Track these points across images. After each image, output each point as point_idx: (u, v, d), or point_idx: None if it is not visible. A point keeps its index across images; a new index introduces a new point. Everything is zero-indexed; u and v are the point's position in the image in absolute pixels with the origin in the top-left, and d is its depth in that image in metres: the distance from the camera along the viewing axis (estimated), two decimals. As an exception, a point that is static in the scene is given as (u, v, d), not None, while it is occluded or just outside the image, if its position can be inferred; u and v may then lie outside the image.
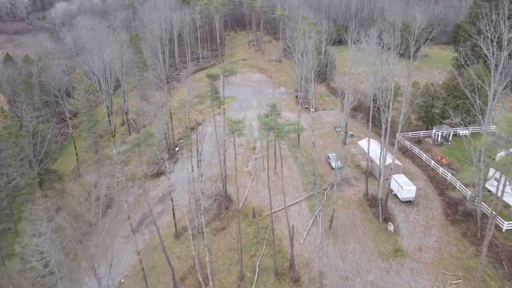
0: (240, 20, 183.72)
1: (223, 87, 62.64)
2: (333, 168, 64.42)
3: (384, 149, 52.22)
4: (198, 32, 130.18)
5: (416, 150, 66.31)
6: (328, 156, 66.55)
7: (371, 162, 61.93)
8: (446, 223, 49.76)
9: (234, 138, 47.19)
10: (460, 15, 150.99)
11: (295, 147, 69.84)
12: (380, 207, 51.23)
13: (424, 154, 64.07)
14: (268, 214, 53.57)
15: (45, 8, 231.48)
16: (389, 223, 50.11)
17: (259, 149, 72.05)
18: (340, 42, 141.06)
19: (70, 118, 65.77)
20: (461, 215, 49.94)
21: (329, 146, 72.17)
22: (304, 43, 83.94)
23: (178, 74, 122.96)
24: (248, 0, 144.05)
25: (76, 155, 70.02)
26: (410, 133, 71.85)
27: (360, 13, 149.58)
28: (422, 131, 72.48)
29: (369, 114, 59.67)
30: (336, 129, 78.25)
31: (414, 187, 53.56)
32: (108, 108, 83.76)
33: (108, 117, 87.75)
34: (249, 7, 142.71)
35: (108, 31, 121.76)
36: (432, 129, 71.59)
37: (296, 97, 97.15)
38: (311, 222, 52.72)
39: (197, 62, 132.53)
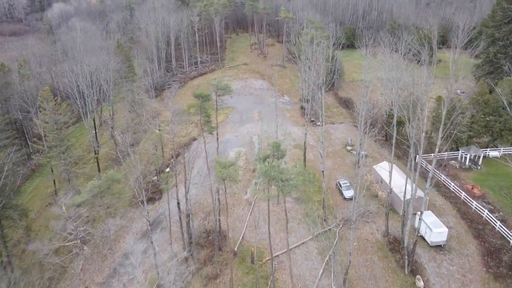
0: (242, 22, 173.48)
1: (216, 110, 51.87)
2: (345, 198, 54.47)
3: (411, 180, 42.33)
4: (197, 35, 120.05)
5: (442, 176, 56.15)
6: (339, 183, 56.47)
7: (391, 192, 51.97)
8: (488, 278, 39.71)
9: (225, 187, 37.44)
10: (473, 17, 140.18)
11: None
12: (406, 256, 41.24)
13: (452, 183, 53.93)
14: (269, 259, 43.77)
15: (44, 9, 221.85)
16: (418, 276, 40.13)
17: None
18: (347, 46, 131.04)
19: (34, 142, 55.69)
20: (506, 268, 39.91)
21: (339, 169, 62.10)
22: (311, 50, 73.94)
23: (175, 80, 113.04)
24: (250, 1, 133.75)
25: (54, 183, 60.24)
26: (432, 155, 61.64)
27: (368, 15, 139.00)
28: (446, 153, 62.31)
29: (387, 129, 49.86)
30: (347, 147, 68.17)
31: (446, 229, 43.50)
32: (94, 122, 74.12)
33: (95, 131, 78.13)
34: (251, 8, 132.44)
35: (100, 34, 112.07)
36: (458, 150, 61.46)
37: (301, 108, 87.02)
38: (321, 271, 42.76)
39: (196, 66, 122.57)
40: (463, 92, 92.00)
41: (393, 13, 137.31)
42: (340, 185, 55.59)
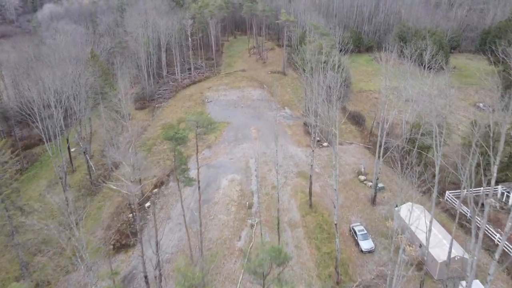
0: (241, 24, 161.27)
1: (197, 153, 38.85)
2: (362, 251, 42.84)
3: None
4: (189, 40, 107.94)
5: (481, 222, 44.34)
6: (353, 229, 44.71)
7: (420, 246, 40.55)
8: None
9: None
10: (485, 19, 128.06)
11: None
12: None
13: (497, 234, 42.25)
14: None
15: (36, 10, 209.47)
16: None
17: (257, 209, 50.49)
18: (351, 50, 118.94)
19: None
20: None
21: (351, 207, 50.35)
22: (315, 59, 62.34)
23: (166, 89, 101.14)
24: (248, 2, 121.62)
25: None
26: (465, 191, 49.98)
27: (375, 18, 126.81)
28: (481, 188, 50.54)
29: (405, 155, 38.30)
30: (360, 177, 56.43)
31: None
32: (69, 147, 62.38)
33: (70, 157, 66.47)
34: (249, 10, 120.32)
35: (85, 39, 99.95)
36: (497, 185, 49.79)
37: (305, 124, 75.25)
38: None
39: (189, 73, 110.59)
40: (486, 106, 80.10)
41: (402, 16, 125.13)
42: (355, 232, 43.89)
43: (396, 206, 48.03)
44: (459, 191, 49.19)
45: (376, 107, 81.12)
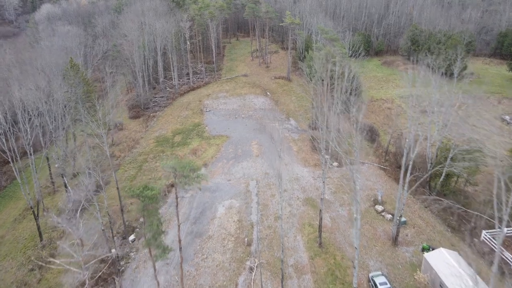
0: (244, 25, 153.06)
1: (177, 210, 29.46)
2: (384, 310, 34.57)
3: None
4: (188, 43, 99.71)
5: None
6: (372, 280, 36.38)
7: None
8: None
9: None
10: (501, 21, 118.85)
11: None
12: None
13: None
14: None
15: (35, 10, 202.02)
16: None
17: (257, 247, 42.40)
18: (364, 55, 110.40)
19: None
20: None
21: (369, 246, 42.07)
22: (325, 68, 54.35)
23: (162, 97, 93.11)
24: (251, 3, 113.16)
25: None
26: (506, 230, 41.60)
27: (385, 19, 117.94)
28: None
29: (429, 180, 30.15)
30: (377, 207, 48.13)
31: None
32: (48, 161, 54.45)
33: (51, 175, 58.62)
34: (252, 12, 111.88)
35: (79, 43, 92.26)
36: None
37: (312, 138, 66.92)
38: None
39: (188, 79, 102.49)
40: None
41: (413, 17, 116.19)
42: (376, 285, 35.61)
43: (423, 250, 39.85)
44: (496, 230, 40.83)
45: (390, 120, 72.81)
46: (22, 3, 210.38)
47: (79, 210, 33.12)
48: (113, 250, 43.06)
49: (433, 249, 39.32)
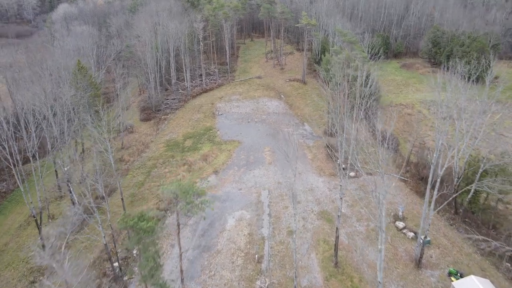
0: (259, 26, 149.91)
1: (179, 245, 26.78)
2: None
3: None
4: (201, 44, 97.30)
5: None
6: (395, 308, 33.07)
7: None
8: None
9: None
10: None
11: None
12: None
13: None
14: None
15: (53, 10, 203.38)
16: None
17: (268, 265, 39.47)
18: (384, 58, 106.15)
19: None
20: None
21: (389, 268, 38.56)
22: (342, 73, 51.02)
23: (174, 99, 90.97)
24: (266, 4, 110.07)
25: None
26: (542, 255, 37.58)
27: (404, 20, 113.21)
28: None
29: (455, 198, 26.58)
30: (397, 223, 44.57)
31: None
32: (55, 165, 52.49)
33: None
34: (267, 12, 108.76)
35: (93, 43, 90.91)
36: None
37: (327, 146, 63.54)
38: None
39: (200, 80, 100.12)
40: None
41: (435, 18, 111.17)
42: (398, 315, 32.27)
43: (450, 274, 36.19)
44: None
45: (411, 127, 68.84)
46: (40, 3, 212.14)
47: (63, 245, 30.58)
48: (115, 264, 40.82)
49: (461, 275, 35.67)
